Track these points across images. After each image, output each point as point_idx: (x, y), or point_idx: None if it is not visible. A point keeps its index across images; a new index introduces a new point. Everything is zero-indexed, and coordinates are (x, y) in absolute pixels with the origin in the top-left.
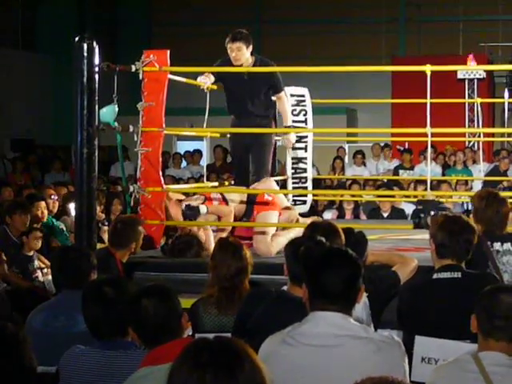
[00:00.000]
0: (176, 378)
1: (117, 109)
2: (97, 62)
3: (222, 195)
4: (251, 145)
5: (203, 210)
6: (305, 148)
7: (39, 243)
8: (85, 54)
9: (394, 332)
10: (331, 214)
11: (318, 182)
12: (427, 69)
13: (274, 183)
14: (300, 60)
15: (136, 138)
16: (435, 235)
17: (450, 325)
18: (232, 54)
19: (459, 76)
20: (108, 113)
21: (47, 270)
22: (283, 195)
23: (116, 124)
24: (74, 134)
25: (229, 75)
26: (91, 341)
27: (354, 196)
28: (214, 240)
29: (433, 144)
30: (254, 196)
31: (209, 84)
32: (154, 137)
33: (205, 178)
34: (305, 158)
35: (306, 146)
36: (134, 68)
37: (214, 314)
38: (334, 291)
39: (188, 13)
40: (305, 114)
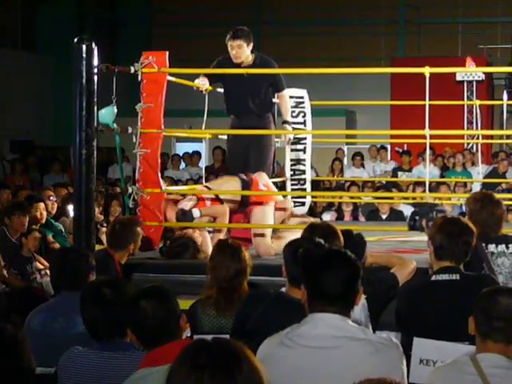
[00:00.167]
0: (174, 379)
1: (116, 110)
2: (96, 63)
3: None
4: (251, 144)
5: (196, 214)
6: (303, 150)
7: (38, 244)
8: (84, 55)
9: (393, 334)
10: (330, 216)
11: (316, 184)
12: (426, 71)
13: (266, 176)
14: (299, 61)
15: (135, 140)
16: (434, 237)
17: (448, 326)
18: (232, 51)
19: (458, 78)
20: (107, 114)
21: (46, 272)
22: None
23: (115, 125)
24: (73, 135)
25: (229, 74)
26: (90, 342)
27: (352, 198)
28: (211, 241)
29: (431, 146)
30: (248, 188)
31: (207, 86)
32: (152, 138)
33: (203, 180)
34: (303, 159)
35: (305, 147)
36: (132, 69)
37: (213, 315)
38: (332, 293)
39: (188, 14)
40: (304, 116)
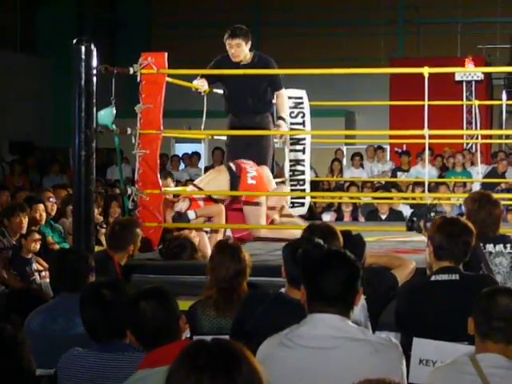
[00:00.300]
0: (174, 380)
1: (115, 111)
2: (95, 64)
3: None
4: (250, 144)
5: (192, 216)
6: (303, 150)
7: (37, 246)
8: (83, 56)
9: (392, 334)
10: (330, 216)
11: (316, 184)
12: (425, 71)
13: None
14: (298, 62)
15: (134, 141)
16: (433, 237)
17: (447, 327)
18: (231, 50)
19: (457, 78)
20: (106, 115)
21: (45, 273)
22: (271, 176)
23: (114, 126)
24: (72, 137)
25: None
26: (89, 343)
27: (352, 198)
28: (209, 241)
29: (431, 146)
30: (237, 183)
31: (206, 87)
32: (152, 139)
33: None
34: (303, 160)
35: (304, 148)
36: (131, 70)
37: (212, 316)
38: (332, 293)
39: (187, 15)
40: (303, 117)
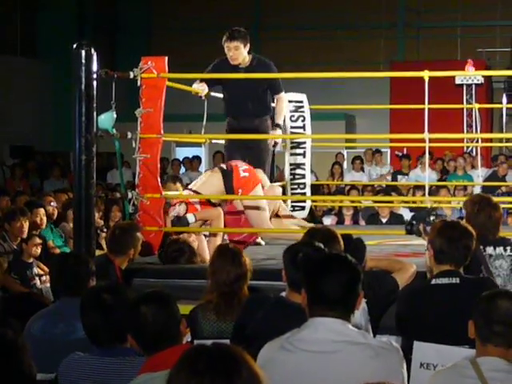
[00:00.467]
0: None
1: (115, 115)
2: (95, 68)
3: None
4: (249, 146)
5: (191, 220)
6: (303, 154)
7: (38, 250)
8: (83, 60)
9: (393, 338)
10: (330, 220)
11: (316, 188)
12: (425, 74)
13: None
14: (298, 66)
15: (134, 145)
16: (434, 241)
17: (448, 330)
18: (229, 53)
19: (457, 81)
20: (106, 119)
21: (46, 278)
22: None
23: (114, 131)
24: (73, 141)
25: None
26: (90, 348)
27: (353, 202)
28: (208, 245)
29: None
30: (230, 179)
31: (206, 91)
32: (152, 143)
33: None
34: (303, 163)
35: (305, 151)
36: (132, 75)
37: (213, 320)
38: (333, 297)
39: (187, 19)
40: (303, 120)
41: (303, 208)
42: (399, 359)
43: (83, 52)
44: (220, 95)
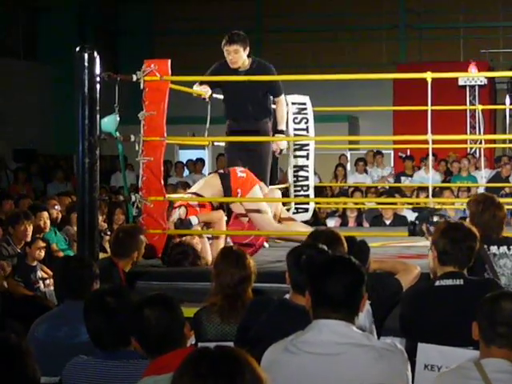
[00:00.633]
0: None
1: (118, 118)
2: (98, 71)
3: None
4: (250, 149)
5: (194, 221)
6: (306, 156)
7: (42, 253)
8: (86, 63)
9: (397, 339)
10: (334, 222)
11: (320, 190)
12: (428, 76)
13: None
14: (301, 68)
15: (137, 148)
16: (437, 242)
17: (452, 332)
18: (229, 56)
19: (460, 83)
20: (109, 122)
21: (49, 281)
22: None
23: (117, 134)
24: (76, 144)
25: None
26: (94, 351)
27: (356, 204)
28: (211, 248)
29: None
30: (228, 180)
31: (210, 93)
32: (155, 146)
33: None
34: (306, 165)
35: (308, 153)
36: (135, 77)
37: (217, 322)
38: (337, 299)
39: (190, 22)
40: (306, 122)
41: (307, 210)
42: (403, 361)
43: (86, 55)
44: (221, 97)
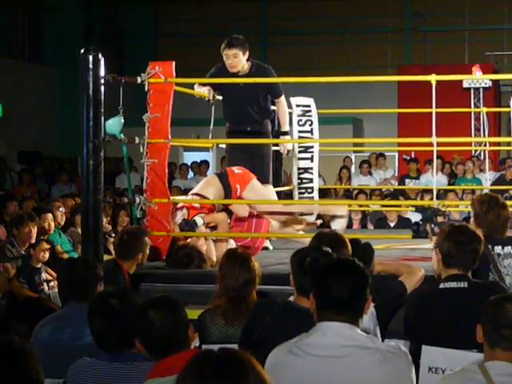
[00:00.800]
0: None
1: (123, 120)
2: (102, 73)
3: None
4: (252, 150)
5: (200, 222)
6: (311, 158)
7: (47, 255)
8: (90, 66)
9: (401, 342)
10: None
11: (324, 192)
12: (432, 78)
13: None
14: (305, 70)
15: (142, 150)
16: (442, 245)
17: (456, 334)
18: (228, 60)
19: (465, 85)
20: (114, 124)
21: (54, 283)
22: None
23: (122, 136)
24: (80, 146)
25: (226, 83)
26: (98, 353)
27: (361, 206)
28: (215, 249)
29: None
30: (225, 177)
31: (213, 93)
32: (160, 148)
33: None
34: (311, 167)
35: (312, 156)
36: (139, 80)
37: (221, 324)
38: (341, 301)
39: (194, 24)
40: (311, 124)
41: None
42: (408, 363)
43: (90, 57)
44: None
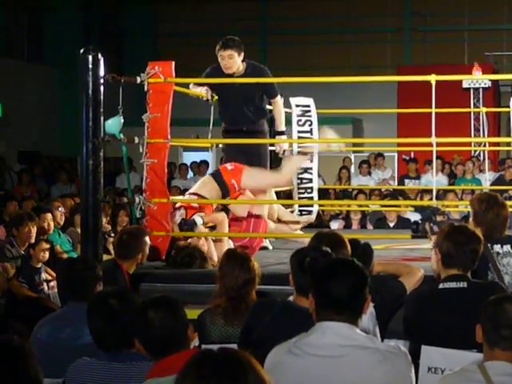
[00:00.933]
0: None
1: (122, 120)
2: (102, 73)
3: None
4: (249, 151)
5: (199, 222)
6: (310, 158)
7: (46, 255)
8: (90, 65)
9: (401, 342)
10: (338, 224)
11: (323, 192)
12: (432, 78)
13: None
14: (305, 70)
15: (141, 150)
16: (441, 245)
17: (456, 334)
18: (223, 62)
19: (464, 85)
20: (113, 124)
21: (53, 283)
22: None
23: (121, 135)
24: (80, 146)
25: (221, 84)
26: (97, 353)
27: (360, 206)
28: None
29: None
30: (220, 175)
31: (210, 92)
32: (159, 148)
33: None
34: (310, 168)
35: (312, 156)
36: (139, 79)
37: (221, 324)
38: (340, 301)
39: (194, 24)
40: (310, 125)
41: (310, 212)
42: (407, 363)
43: (90, 57)
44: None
